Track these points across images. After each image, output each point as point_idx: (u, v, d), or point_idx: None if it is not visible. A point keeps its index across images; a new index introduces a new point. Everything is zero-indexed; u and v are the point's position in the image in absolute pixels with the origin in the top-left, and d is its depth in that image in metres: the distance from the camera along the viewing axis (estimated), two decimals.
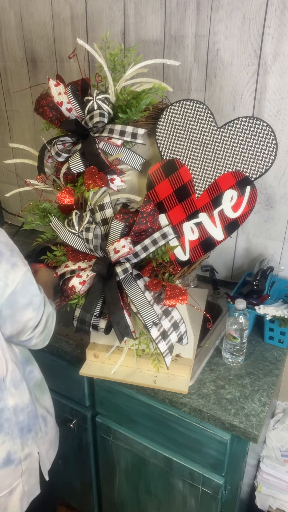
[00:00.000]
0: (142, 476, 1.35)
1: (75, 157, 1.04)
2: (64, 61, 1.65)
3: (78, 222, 1.05)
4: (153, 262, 1.06)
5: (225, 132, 1.01)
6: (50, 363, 1.37)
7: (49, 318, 0.99)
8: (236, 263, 1.56)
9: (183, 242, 1.06)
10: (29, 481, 1.06)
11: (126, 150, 1.06)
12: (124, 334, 1.01)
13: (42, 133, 1.18)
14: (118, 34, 1.47)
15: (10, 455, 0.99)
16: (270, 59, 1.24)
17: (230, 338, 1.18)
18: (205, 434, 1.12)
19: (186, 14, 1.32)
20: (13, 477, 1.01)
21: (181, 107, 1.04)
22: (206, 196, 1.04)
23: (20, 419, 1.00)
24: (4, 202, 2.15)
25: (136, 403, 1.22)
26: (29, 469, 1.05)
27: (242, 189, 1.01)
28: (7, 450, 0.98)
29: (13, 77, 1.83)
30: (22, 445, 1.02)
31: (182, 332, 1.03)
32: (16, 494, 1.03)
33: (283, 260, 1.45)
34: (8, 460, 0.99)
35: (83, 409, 1.38)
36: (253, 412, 1.07)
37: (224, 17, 1.26)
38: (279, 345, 1.30)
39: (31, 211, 1.15)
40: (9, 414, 0.97)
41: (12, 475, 1.01)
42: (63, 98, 1.05)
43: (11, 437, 0.99)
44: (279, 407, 1.53)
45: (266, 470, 1.39)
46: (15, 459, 1.01)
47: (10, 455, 0.99)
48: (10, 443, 0.99)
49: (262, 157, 0.99)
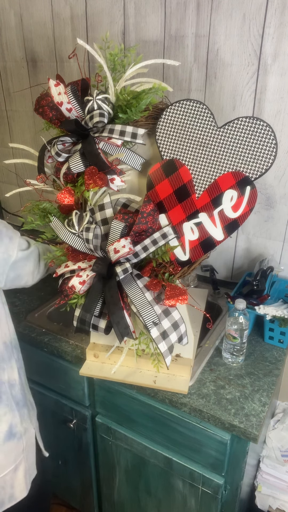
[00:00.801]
0: (142, 476, 1.35)
1: (75, 157, 1.04)
2: (64, 61, 1.65)
3: (78, 222, 1.05)
4: (153, 262, 1.06)
5: (225, 132, 1.01)
6: (50, 363, 1.37)
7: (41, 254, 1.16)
8: (236, 263, 1.56)
9: (183, 242, 1.06)
10: (28, 459, 1.11)
11: (126, 150, 1.06)
12: (124, 334, 1.01)
13: (42, 133, 1.18)
14: (118, 34, 1.47)
15: (12, 428, 1.04)
16: (270, 59, 1.24)
17: (230, 338, 1.18)
18: (205, 434, 1.12)
19: (186, 14, 1.32)
20: (16, 452, 1.06)
21: (181, 107, 1.04)
22: (206, 196, 1.04)
23: (13, 393, 1.06)
24: (4, 202, 2.15)
25: (136, 403, 1.22)
26: (28, 446, 1.10)
27: (242, 189, 1.01)
28: (9, 422, 1.04)
29: (13, 77, 1.83)
30: (21, 419, 1.07)
31: (182, 332, 1.03)
32: (20, 471, 1.08)
33: (283, 260, 1.45)
34: (10, 433, 1.04)
35: (83, 409, 1.38)
36: (253, 412, 1.07)
37: (224, 17, 1.26)
38: (279, 345, 1.30)
39: (31, 211, 1.15)
40: (5, 387, 1.04)
41: (15, 450, 1.06)
42: (63, 98, 1.05)
43: (10, 409, 1.04)
44: (279, 407, 1.53)
45: (266, 470, 1.39)
46: (17, 432, 1.06)
47: (12, 428, 1.04)
48: (11, 416, 1.04)
49: (262, 157, 0.99)
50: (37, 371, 1.42)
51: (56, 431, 1.51)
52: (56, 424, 1.48)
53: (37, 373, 1.43)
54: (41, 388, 1.46)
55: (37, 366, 1.41)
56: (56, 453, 1.56)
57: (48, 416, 1.48)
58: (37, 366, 1.41)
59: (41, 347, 1.35)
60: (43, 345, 1.33)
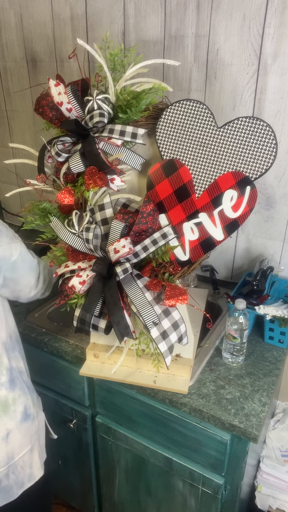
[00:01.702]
0: (142, 476, 1.35)
1: (75, 157, 1.04)
2: (64, 61, 1.65)
3: (78, 222, 1.05)
4: (153, 262, 1.06)
5: (225, 132, 1.01)
6: (50, 363, 1.37)
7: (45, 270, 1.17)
8: (236, 263, 1.56)
9: (183, 242, 1.06)
10: (40, 441, 1.15)
11: (126, 150, 1.06)
12: (124, 334, 1.01)
13: (42, 133, 1.18)
14: (118, 34, 1.47)
15: (27, 409, 1.08)
16: (270, 59, 1.24)
17: (230, 338, 1.18)
18: (205, 434, 1.12)
19: (186, 14, 1.32)
20: (31, 433, 1.10)
21: (181, 107, 1.04)
22: (206, 196, 1.04)
23: (24, 379, 1.10)
24: (4, 202, 2.15)
25: (136, 403, 1.22)
26: (39, 428, 1.14)
27: (242, 189, 1.01)
28: (23, 404, 1.07)
29: (13, 77, 1.83)
30: (32, 402, 1.11)
31: (182, 332, 1.03)
32: (36, 451, 1.12)
33: (283, 260, 1.45)
34: (26, 415, 1.08)
35: (83, 409, 1.38)
36: (253, 412, 1.07)
37: (224, 17, 1.26)
38: (279, 345, 1.30)
39: (31, 211, 1.15)
40: (16, 373, 1.07)
41: (30, 430, 1.09)
42: (63, 98, 1.05)
43: (23, 392, 1.08)
44: (279, 407, 1.53)
45: (266, 470, 1.39)
46: (31, 414, 1.09)
47: (27, 409, 1.08)
48: (25, 398, 1.08)
49: (262, 157, 0.99)
50: (37, 371, 1.42)
51: (56, 431, 1.50)
52: (56, 424, 1.48)
53: (37, 373, 1.43)
54: (41, 388, 1.46)
55: (37, 366, 1.40)
56: (56, 453, 1.56)
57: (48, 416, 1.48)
58: (37, 366, 1.41)
59: (41, 347, 1.35)
60: (43, 345, 1.33)
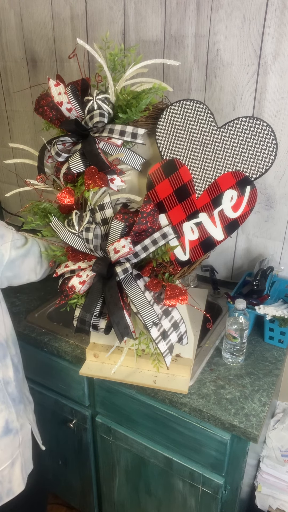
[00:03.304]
0: (142, 476, 1.35)
1: (75, 157, 1.04)
2: (64, 61, 1.65)
3: (78, 222, 1.05)
4: (153, 262, 1.06)
5: (225, 132, 1.01)
6: (50, 363, 1.37)
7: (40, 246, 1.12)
8: (236, 263, 1.56)
9: (183, 242, 1.06)
10: (24, 454, 1.12)
11: (126, 150, 1.06)
12: (124, 334, 1.01)
13: (42, 133, 1.18)
14: (118, 34, 1.47)
15: (8, 424, 1.05)
16: (270, 59, 1.24)
17: (230, 338, 1.18)
18: (205, 434, 1.12)
19: (186, 14, 1.32)
20: (13, 447, 1.07)
21: (181, 107, 1.04)
22: (206, 196, 1.04)
23: (9, 390, 1.06)
24: (4, 202, 2.15)
25: (136, 403, 1.22)
26: (24, 441, 1.11)
27: (242, 189, 1.01)
28: (5, 418, 1.04)
29: (13, 77, 1.83)
30: (17, 415, 1.07)
31: (182, 332, 1.03)
32: (17, 465, 1.09)
33: (283, 260, 1.45)
34: (7, 429, 1.05)
35: (83, 409, 1.38)
36: (253, 412, 1.07)
37: (224, 17, 1.26)
38: (279, 345, 1.30)
39: (31, 211, 1.15)
40: (0, 385, 1.03)
41: (11, 445, 1.06)
42: (63, 98, 1.05)
43: (6, 406, 1.04)
44: (279, 407, 1.53)
45: (266, 470, 1.39)
46: (13, 428, 1.06)
47: (8, 424, 1.05)
48: (7, 412, 1.04)
49: (262, 157, 0.99)
50: (37, 371, 1.42)
51: (56, 431, 1.51)
52: (56, 424, 1.48)
53: (37, 373, 1.43)
54: (41, 388, 1.46)
55: (37, 366, 1.41)
56: (56, 453, 1.57)
57: (48, 416, 1.48)
58: (37, 366, 1.41)
59: (41, 347, 1.35)
60: (43, 345, 1.33)
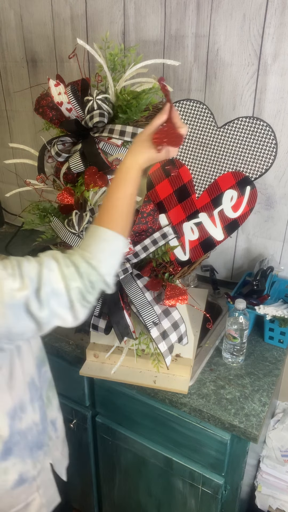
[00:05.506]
0: (142, 476, 1.35)
1: (75, 157, 1.04)
2: (64, 61, 1.65)
3: (78, 222, 1.05)
4: (153, 262, 1.06)
5: (225, 132, 1.01)
6: (50, 363, 1.37)
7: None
8: (236, 263, 1.56)
9: (183, 242, 1.06)
10: (46, 493, 1.01)
11: (126, 150, 1.06)
12: (124, 334, 1.01)
13: (42, 133, 1.18)
14: (118, 34, 1.47)
15: (23, 475, 0.94)
16: (270, 59, 1.24)
17: (230, 338, 1.18)
18: (205, 434, 1.12)
19: (186, 14, 1.32)
20: (28, 493, 0.97)
21: (181, 107, 1.04)
22: (206, 196, 1.04)
23: (29, 439, 0.94)
24: (4, 202, 2.15)
25: (136, 403, 1.22)
26: (44, 482, 1.00)
27: (242, 189, 1.01)
28: (18, 471, 0.93)
29: (13, 77, 1.83)
30: (34, 464, 0.96)
31: (182, 332, 1.03)
32: (33, 506, 0.98)
33: (283, 260, 1.45)
34: (21, 480, 0.94)
35: (83, 409, 1.38)
36: (253, 412, 1.07)
37: (224, 17, 1.26)
38: (279, 345, 1.30)
39: (31, 211, 1.15)
40: (17, 438, 0.92)
41: (26, 491, 0.96)
42: (63, 98, 1.05)
43: (21, 459, 0.93)
44: (279, 407, 1.53)
45: (266, 470, 1.39)
46: (28, 477, 0.96)
47: (23, 475, 0.94)
48: (21, 465, 0.94)
49: (262, 157, 0.99)
50: None
51: None
52: None
53: None
54: None
55: None
56: None
57: None
58: None
59: None
60: (43, 345, 1.33)
